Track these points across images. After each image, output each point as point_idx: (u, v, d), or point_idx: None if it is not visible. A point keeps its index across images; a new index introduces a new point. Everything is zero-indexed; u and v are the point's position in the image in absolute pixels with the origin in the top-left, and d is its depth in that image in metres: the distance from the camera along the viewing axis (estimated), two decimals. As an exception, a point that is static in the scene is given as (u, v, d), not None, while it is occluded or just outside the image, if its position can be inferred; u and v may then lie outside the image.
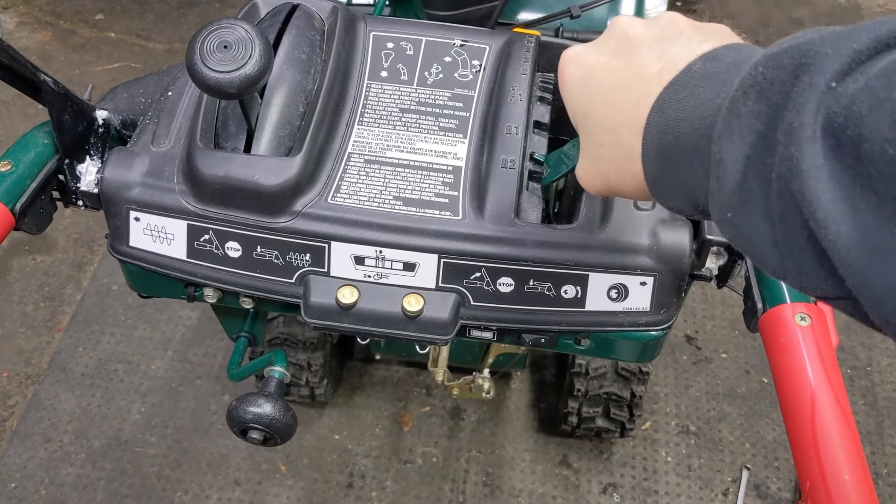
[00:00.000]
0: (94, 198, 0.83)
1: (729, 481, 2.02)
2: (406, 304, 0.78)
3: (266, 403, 0.82)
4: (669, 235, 0.77)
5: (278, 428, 0.83)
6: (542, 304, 0.78)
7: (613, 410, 1.82)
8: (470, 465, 2.04)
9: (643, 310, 0.79)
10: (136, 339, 2.26)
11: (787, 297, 0.71)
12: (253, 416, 0.82)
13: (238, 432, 0.86)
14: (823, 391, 0.62)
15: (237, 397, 0.86)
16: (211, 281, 0.81)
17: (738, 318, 2.30)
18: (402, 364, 2.21)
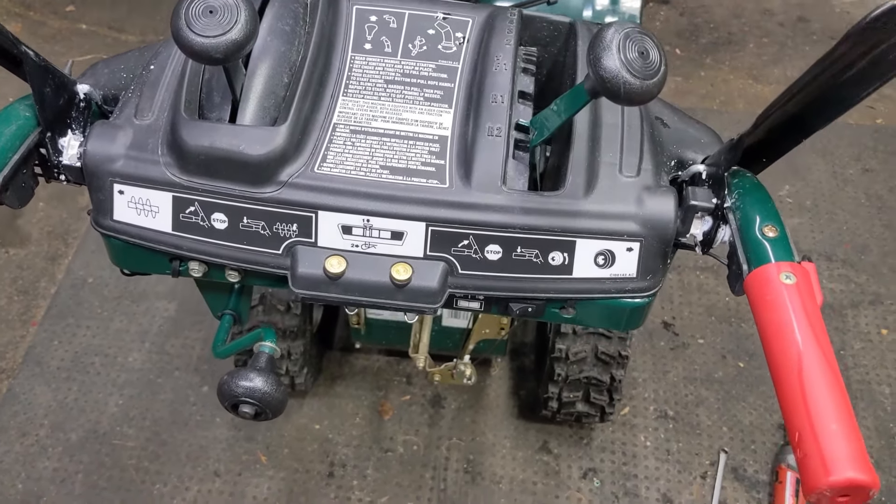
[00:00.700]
0: (77, 171, 0.82)
1: (707, 464, 2.04)
2: (394, 273, 0.78)
3: (257, 378, 0.82)
4: (655, 202, 0.78)
5: (270, 402, 0.82)
6: (530, 271, 0.79)
7: (593, 395, 1.83)
8: (451, 453, 2.04)
9: (630, 276, 0.80)
10: (112, 331, 2.23)
11: (771, 257, 0.72)
12: (244, 391, 0.82)
13: (229, 407, 0.85)
14: (810, 345, 0.63)
15: (228, 372, 0.85)
16: (197, 254, 0.80)
17: (715, 304, 2.33)
18: (382, 353, 2.21)
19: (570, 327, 1.75)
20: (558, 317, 0.85)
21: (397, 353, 2.20)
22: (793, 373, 0.62)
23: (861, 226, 2.54)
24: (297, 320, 1.81)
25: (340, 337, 2.25)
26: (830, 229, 2.52)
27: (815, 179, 2.65)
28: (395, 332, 1.87)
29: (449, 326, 1.83)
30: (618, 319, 0.86)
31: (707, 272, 2.40)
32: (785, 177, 2.66)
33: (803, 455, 0.58)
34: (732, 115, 2.85)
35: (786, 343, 0.64)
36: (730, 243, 0.80)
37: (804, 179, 2.65)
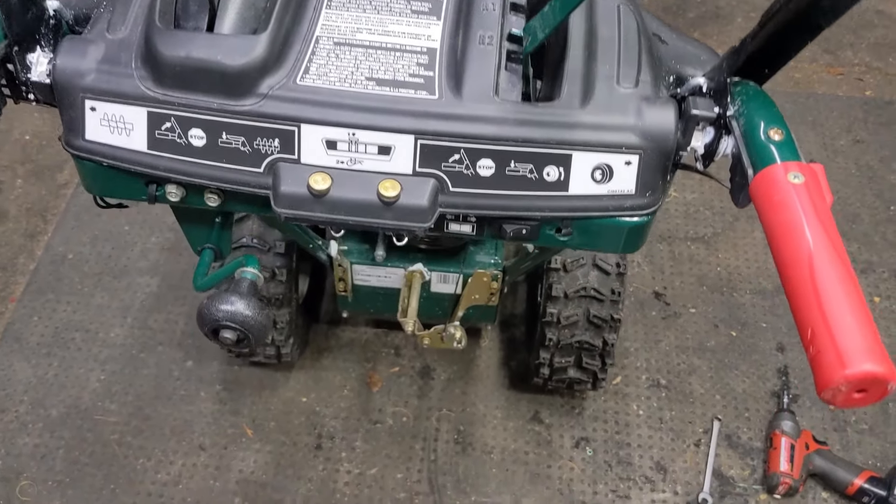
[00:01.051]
0: (46, 89, 0.78)
1: (700, 432, 2.01)
2: (382, 190, 0.74)
3: (239, 301, 0.78)
4: (654, 113, 0.75)
5: (252, 326, 0.78)
6: (524, 187, 0.75)
7: (585, 360, 1.80)
8: (441, 424, 2.01)
9: (628, 192, 0.76)
10: (93, 307, 2.18)
11: (777, 158, 0.69)
12: (225, 314, 0.78)
13: (209, 333, 0.81)
14: (821, 242, 0.60)
15: (208, 295, 0.81)
16: (174, 174, 0.77)
17: (706, 274, 2.31)
18: (369, 325, 2.17)
19: (561, 290, 1.72)
20: (553, 239, 0.82)
21: (385, 325, 2.16)
22: (804, 270, 0.59)
23: (852, 195, 2.52)
24: (283, 288, 1.77)
25: (327, 310, 2.21)
26: (821, 199, 2.49)
27: (805, 151, 2.60)
28: (382, 299, 1.83)
29: (438, 292, 1.79)
30: (616, 240, 0.82)
31: (698, 242, 2.38)
32: (774, 148, 2.63)
33: (816, 351, 0.55)
34: (721, 87, 2.82)
35: (796, 242, 0.60)
36: (732, 155, 0.76)
37: (794, 150, 2.62)
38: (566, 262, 1.72)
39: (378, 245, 1.73)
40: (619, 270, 1.72)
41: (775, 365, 2.14)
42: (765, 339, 2.18)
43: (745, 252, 2.36)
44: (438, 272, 1.74)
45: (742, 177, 0.73)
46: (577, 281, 1.72)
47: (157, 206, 2.34)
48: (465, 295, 1.77)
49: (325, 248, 1.71)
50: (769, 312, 2.23)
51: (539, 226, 0.79)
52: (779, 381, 2.11)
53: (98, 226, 2.35)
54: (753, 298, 2.26)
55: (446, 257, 1.75)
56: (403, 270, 1.74)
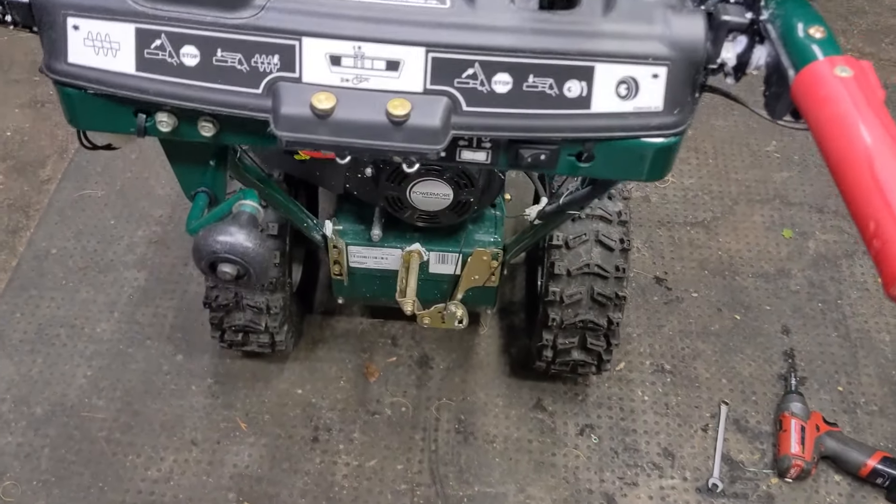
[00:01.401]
0: (24, 8, 0.72)
1: (708, 417, 1.96)
2: (391, 109, 0.68)
3: (238, 232, 0.72)
4: (682, 21, 0.70)
5: (253, 258, 0.72)
6: (544, 105, 0.70)
7: (590, 340, 1.74)
8: (441, 413, 1.94)
9: (655, 109, 0.71)
10: (78, 302, 2.11)
11: (821, 55, 0.64)
12: (224, 246, 0.72)
13: (206, 267, 0.75)
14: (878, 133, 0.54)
15: (205, 228, 0.75)
16: (165, 98, 0.71)
17: (707, 258, 2.26)
18: (365, 315, 2.11)
19: (563, 268, 1.66)
20: (573, 166, 0.76)
21: (381, 314, 2.10)
22: (862, 164, 0.53)
23: (851, 178, 2.48)
24: (276, 271, 1.70)
25: (321, 301, 2.14)
26: (820, 182, 2.46)
27: (801, 135, 2.59)
28: (379, 283, 1.77)
29: (436, 273, 1.73)
30: (640, 164, 0.77)
31: (698, 227, 2.33)
32: (771, 133, 2.60)
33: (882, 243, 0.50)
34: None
35: (850, 136, 0.55)
36: (766, 65, 0.71)
37: (791, 135, 2.59)
38: (568, 239, 1.67)
39: (374, 224, 1.68)
40: (623, 246, 1.67)
41: (781, 347, 2.09)
42: (769, 321, 2.14)
43: (746, 236, 2.32)
44: (437, 252, 1.69)
45: (780, 84, 0.67)
46: (579, 258, 1.67)
47: (144, 198, 2.27)
48: (464, 275, 1.71)
49: (319, 227, 1.65)
50: (772, 295, 2.19)
51: (558, 150, 0.74)
52: (785, 363, 2.06)
53: (82, 220, 2.28)
54: (756, 282, 2.22)
55: (445, 236, 1.70)
56: (401, 251, 1.68)
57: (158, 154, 2.44)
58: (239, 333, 1.80)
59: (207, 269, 0.75)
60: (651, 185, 2.44)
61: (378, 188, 1.52)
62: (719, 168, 2.49)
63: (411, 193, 1.52)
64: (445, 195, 1.52)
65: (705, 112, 2.65)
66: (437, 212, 1.56)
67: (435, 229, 1.68)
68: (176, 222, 2.28)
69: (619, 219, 1.68)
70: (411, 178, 1.48)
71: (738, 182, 2.46)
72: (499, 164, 0.78)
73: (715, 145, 2.56)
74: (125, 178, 2.39)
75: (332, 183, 1.59)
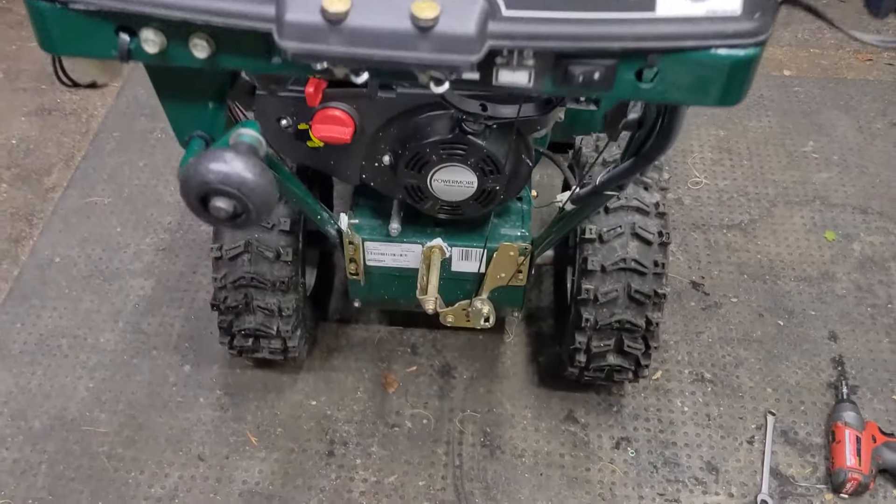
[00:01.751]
0: None
1: (753, 428, 1.81)
2: (417, 12, 0.57)
3: (235, 159, 0.60)
4: None
5: (252, 190, 0.60)
6: (599, 6, 0.58)
7: (627, 342, 1.61)
8: (465, 426, 1.81)
9: (732, 13, 0.59)
10: (81, 311, 2.00)
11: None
12: (218, 176, 0.60)
13: (196, 202, 0.62)
14: None
15: (195, 157, 0.62)
16: (151, 7, 0.60)
17: (746, 262, 2.13)
18: (383, 322, 1.99)
19: (597, 264, 1.54)
20: (633, 87, 0.65)
21: (400, 322, 1.98)
22: None
23: (894, 178, 2.35)
24: (288, 270, 1.59)
25: (336, 308, 2.02)
26: (862, 182, 2.33)
27: (839, 135, 2.47)
28: (398, 283, 1.66)
29: (459, 272, 1.61)
30: (713, 84, 0.65)
31: (734, 230, 2.20)
32: (808, 133, 2.47)
33: None
34: (746, 75, 2.67)
35: None
36: None
37: (829, 135, 2.47)
38: (602, 232, 1.54)
39: (392, 218, 1.56)
40: (662, 240, 1.55)
41: (829, 354, 1.94)
42: (814, 327, 2.00)
43: (786, 238, 2.19)
44: (460, 247, 1.57)
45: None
46: (615, 252, 1.54)
47: (152, 206, 2.17)
48: (489, 273, 1.59)
49: (334, 221, 1.54)
50: (817, 300, 2.05)
51: (615, 66, 0.62)
52: (834, 371, 1.91)
53: (87, 228, 2.18)
54: (799, 286, 2.08)
55: (468, 231, 1.58)
56: (421, 247, 1.57)
57: (168, 160, 2.36)
58: (249, 338, 1.68)
59: (198, 204, 0.63)
60: (683, 186, 2.31)
61: (396, 176, 1.41)
62: (755, 169, 2.37)
63: (432, 182, 1.41)
64: (469, 183, 1.40)
65: (738, 112, 2.53)
66: (460, 202, 1.45)
67: (458, 223, 1.57)
68: (185, 229, 2.18)
69: (656, 210, 1.56)
70: (432, 165, 1.37)
71: (774, 183, 2.33)
72: (543, 88, 0.66)
73: (749, 146, 2.43)
74: (133, 185, 2.30)
75: (348, 172, 1.47)
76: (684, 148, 2.43)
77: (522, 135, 1.37)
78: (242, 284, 1.60)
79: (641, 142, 1.06)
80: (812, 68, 2.71)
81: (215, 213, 0.62)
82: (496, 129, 1.33)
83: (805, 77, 2.67)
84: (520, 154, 1.40)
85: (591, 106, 1.22)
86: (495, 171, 1.37)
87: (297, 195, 1.43)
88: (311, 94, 1.28)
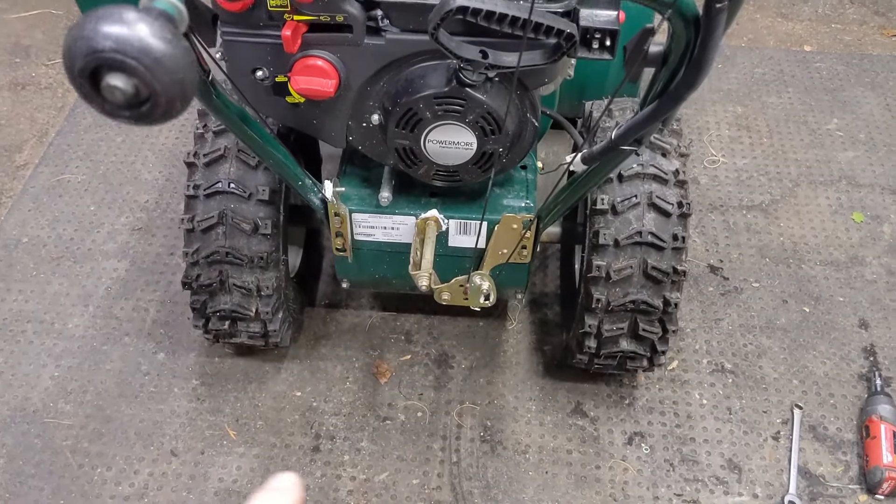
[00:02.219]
0: None
1: (778, 423, 1.66)
2: None
3: (139, 22, 0.44)
4: None
5: (159, 64, 0.43)
6: None
7: (642, 326, 1.45)
8: (464, 419, 1.65)
9: None
10: (49, 295, 1.85)
11: None
12: (113, 42, 0.43)
13: (82, 75, 0.45)
14: None
15: (86, 14, 0.46)
16: None
17: (768, 244, 1.97)
18: (374, 308, 1.83)
19: (610, 237, 1.38)
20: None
21: (393, 307, 1.83)
22: None
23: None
24: (267, 244, 1.44)
25: (325, 293, 1.87)
26: (891, 161, 2.17)
27: (865, 112, 2.31)
28: (389, 261, 1.50)
29: (457, 248, 1.46)
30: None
31: (755, 211, 2.05)
32: (831, 110, 2.32)
33: None
34: (763, 51, 2.52)
35: None
36: None
37: (854, 113, 2.31)
38: (615, 203, 1.39)
39: (383, 186, 1.41)
40: (683, 211, 1.39)
41: (859, 344, 1.79)
42: (843, 314, 1.84)
43: (811, 220, 2.03)
44: (458, 219, 1.42)
45: None
46: (629, 225, 1.39)
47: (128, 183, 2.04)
48: (490, 248, 1.43)
49: (318, 190, 1.39)
50: (845, 285, 1.89)
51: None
52: (866, 361, 1.76)
53: (59, 207, 2.03)
54: (825, 270, 1.92)
55: (467, 201, 1.43)
56: (414, 219, 1.41)
57: (146, 137, 2.21)
58: (225, 321, 1.53)
59: (86, 80, 0.46)
60: (699, 165, 2.16)
61: (386, 137, 1.25)
62: (775, 148, 2.21)
63: (426, 143, 1.25)
64: (468, 144, 1.25)
65: (757, 88, 2.38)
66: (457, 167, 1.29)
67: (455, 192, 1.41)
68: (163, 208, 2.03)
69: (675, 178, 1.41)
70: (426, 124, 1.21)
71: (797, 163, 2.17)
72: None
73: (769, 124, 2.28)
74: (109, 162, 2.15)
75: (332, 133, 1.32)
76: (700, 125, 2.27)
77: (528, 88, 1.21)
78: (217, 260, 1.44)
79: (667, 80, 0.91)
80: (834, 44, 2.55)
81: (108, 96, 0.45)
82: (498, 83, 1.18)
83: (827, 53, 2.51)
84: (524, 111, 1.24)
85: (606, 55, 1.07)
86: (497, 129, 1.21)
87: (275, 157, 1.27)
88: (288, 38, 1.13)
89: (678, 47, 0.86)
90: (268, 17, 1.12)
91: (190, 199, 1.43)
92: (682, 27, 0.83)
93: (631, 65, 0.90)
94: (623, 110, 1.50)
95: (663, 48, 0.90)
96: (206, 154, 1.42)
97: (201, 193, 1.41)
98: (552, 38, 1.00)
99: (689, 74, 0.85)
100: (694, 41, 0.83)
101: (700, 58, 0.83)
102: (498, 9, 0.96)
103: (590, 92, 1.63)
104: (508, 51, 1.11)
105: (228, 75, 1.13)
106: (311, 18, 1.11)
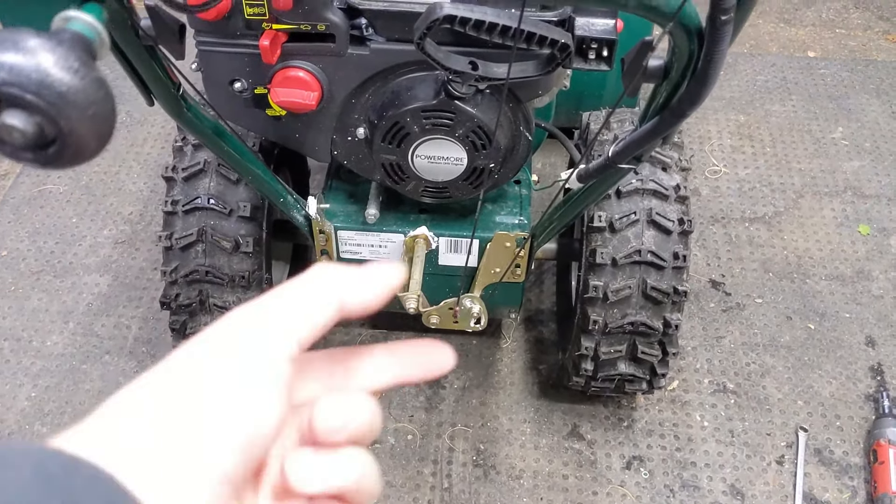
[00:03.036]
0: None
1: (783, 446, 1.60)
2: None
3: (42, 50, 0.37)
4: None
5: (64, 99, 0.37)
6: None
7: (641, 348, 1.39)
8: (455, 443, 1.59)
9: None
10: (28, 311, 1.79)
11: None
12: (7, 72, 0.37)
13: None
14: None
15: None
16: None
17: (771, 259, 1.91)
18: (364, 325, 1.77)
19: (608, 256, 1.32)
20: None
21: (384, 325, 1.76)
22: None
23: (933, 167, 2.13)
24: (249, 263, 1.37)
25: (313, 309, 1.80)
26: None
27: (870, 121, 2.25)
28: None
29: (447, 266, 1.40)
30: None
31: (758, 223, 1.98)
32: (836, 118, 2.26)
33: None
34: (766, 58, 2.46)
35: None
36: None
37: (859, 121, 2.25)
38: (613, 220, 1.33)
39: (369, 202, 1.35)
40: (684, 228, 1.33)
41: (866, 362, 1.72)
42: (850, 332, 1.78)
43: (815, 233, 1.97)
44: (448, 237, 1.35)
45: None
46: (628, 243, 1.33)
47: (112, 195, 1.97)
48: (482, 267, 1.37)
49: (301, 206, 1.33)
50: (851, 301, 1.83)
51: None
52: (873, 381, 1.69)
53: (40, 219, 1.97)
54: (831, 285, 1.86)
55: (457, 218, 1.36)
56: (403, 236, 1.35)
57: (131, 146, 2.14)
58: (206, 342, 1.46)
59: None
60: (700, 175, 2.10)
61: (373, 152, 1.19)
62: (778, 157, 2.15)
63: (414, 158, 1.19)
64: (458, 160, 1.18)
65: (759, 96, 2.32)
66: (446, 183, 1.23)
67: (445, 209, 1.35)
68: (147, 221, 1.96)
69: (676, 194, 1.34)
70: (414, 138, 1.15)
71: (801, 173, 2.11)
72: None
73: (772, 132, 2.21)
74: (92, 172, 2.08)
75: (316, 148, 1.25)
76: (701, 134, 2.21)
77: (521, 101, 1.15)
78: (196, 279, 1.38)
79: (668, 95, 0.85)
80: (839, 50, 2.49)
81: (5, 136, 0.39)
82: (489, 95, 1.12)
83: (831, 59, 2.45)
84: (517, 125, 1.18)
85: (603, 66, 1.01)
86: (488, 144, 1.15)
87: (254, 173, 1.21)
88: (266, 48, 1.07)
89: (680, 61, 0.80)
90: (245, 25, 1.06)
91: (168, 215, 1.37)
92: (685, 40, 0.77)
93: (629, 80, 0.84)
94: (622, 122, 1.43)
95: (664, 62, 0.84)
96: (185, 168, 1.36)
97: (180, 209, 1.35)
98: (545, 48, 0.94)
99: (693, 90, 0.79)
100: (697, 54, 0.77)
101: (704, 72, 0.76)
102: (487, 18, 0.90)
103: (587, 102, 1.57)
104: (500, 61, 1.05)
105: (198, 90, 1.07)
106: (291, 27, 1.05)
